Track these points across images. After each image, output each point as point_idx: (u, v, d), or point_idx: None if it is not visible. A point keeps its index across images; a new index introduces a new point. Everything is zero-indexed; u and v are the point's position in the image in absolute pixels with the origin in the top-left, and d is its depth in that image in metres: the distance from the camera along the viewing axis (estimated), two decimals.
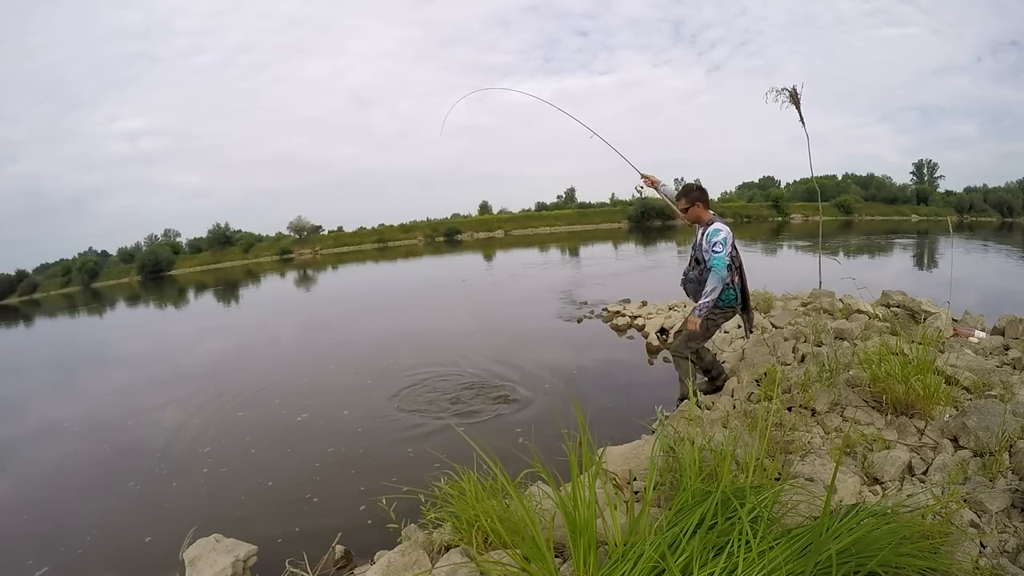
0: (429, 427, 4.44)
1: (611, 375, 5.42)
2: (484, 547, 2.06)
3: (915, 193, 51.95)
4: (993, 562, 1.76)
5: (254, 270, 36.04)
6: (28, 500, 4.06)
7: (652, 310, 7.96)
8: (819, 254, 7.21)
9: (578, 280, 13.73)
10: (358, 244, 49.94)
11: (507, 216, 54.79)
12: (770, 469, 2.18)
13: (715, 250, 3.54)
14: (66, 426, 5.83)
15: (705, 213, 3.77)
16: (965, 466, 2.32)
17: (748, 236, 28.19)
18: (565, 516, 1.71)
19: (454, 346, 7.23)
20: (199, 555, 2.72)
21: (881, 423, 2.86)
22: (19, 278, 47.01)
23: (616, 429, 3.95)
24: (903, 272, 12.92)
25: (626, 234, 39.61)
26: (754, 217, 47.29)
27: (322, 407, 5.24)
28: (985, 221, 41.01)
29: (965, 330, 4.52)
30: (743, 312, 3.89)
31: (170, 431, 5.09)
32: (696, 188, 3.81)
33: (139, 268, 45.64)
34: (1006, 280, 10.62)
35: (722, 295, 3.71)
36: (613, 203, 54.87)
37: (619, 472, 2.61)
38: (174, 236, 53.40)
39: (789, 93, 6.05)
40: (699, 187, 3.82)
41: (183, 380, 7.09)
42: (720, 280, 3.59)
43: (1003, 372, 3.42)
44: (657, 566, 1.52)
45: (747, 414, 3.07)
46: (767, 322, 5.61)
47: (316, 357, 7.42)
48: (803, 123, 6.19)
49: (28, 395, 7.74)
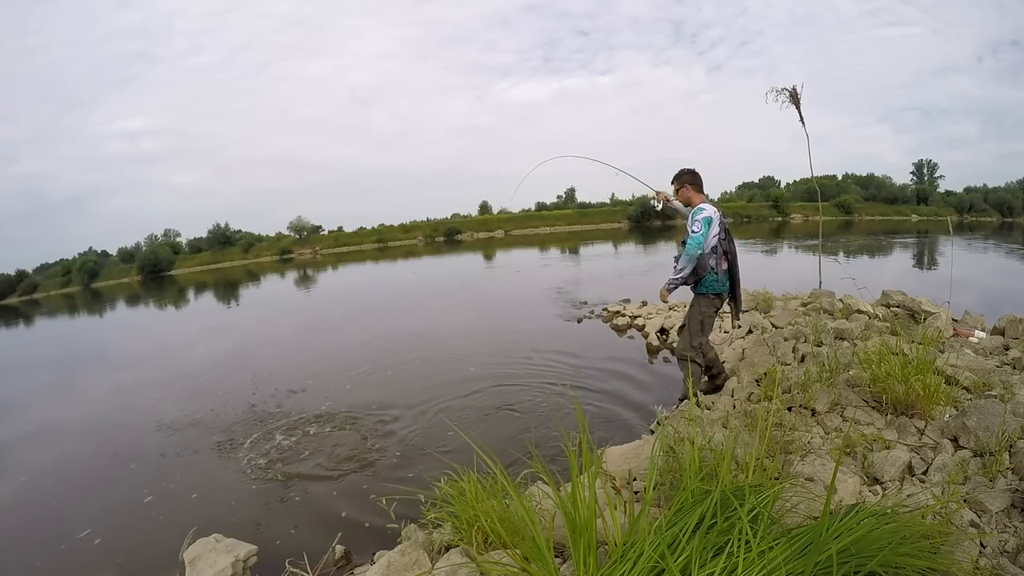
0: (429, 427, 4.44)
1: (611, 375, 5.42)
2: (484, 547, 2.06)
3: (915, 193, 51.98)
4: (993, 562, 1.76)
5: (254, 270, 36.05)
6: (28, 500, 4.06)
7: (652, 310, 7.97)
8: (819, 254, 7.21)
9: (578, 280, 13.73)
10: (358, 244, 50.00)
11: (507, 216, 54.82)
12: (770, 469, 2.17)
13: (693, 229, 3.49)
14: (66, 426, 5.84)
15: (696, 196, 3.71)
16: (965, 466, 2.32)
17: (748, 236, 28.20)
18: (565, 516, 1.71)
19: (454, 346, 7.23)
20: (199, 555, 2.72)
21: (881, 423, 2.86)
22: (19, 278, 47.07)
23: (616, 429, 3.96)
24: (903, 272, 12.92)
25: (626, 234, 39.63)
26: (754, 217, 47.30)
27: (321, 407, 5.24)
28: (985, 221, 41.01)
29: (965, 330, 4.52)
30: (731, 300, 3.80)
31: (170, 431, 5.09)
32: (687, 172, 3.76)
33: (139, 268, 45.70)
34: (1006, 280, 10.62)
35: (708, 281, 3.63)
36: (613, 203, 54.90)
37: (619, 472, 2.61)
38: (174, 236, 53.55)
39: (789, 93, 6.05)
40: (690, 171, 3.76)
41: (183, 380, 7.09)
42: (690, 260, 3.52)
43: (1003, 372, 3.42)
44: (657, 566, 1.51)
45: (747, 414, 3.06)
46: (767, 322, 5.61)
47: (315, 357, 7.41)
48: (803, 123, 6.19)
49: (28, 395, 7.74)
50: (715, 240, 3.58)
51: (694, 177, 3.74)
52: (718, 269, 3.62)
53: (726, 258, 3.65)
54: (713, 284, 3.65)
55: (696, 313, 3.72)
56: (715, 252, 3.59)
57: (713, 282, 3.64)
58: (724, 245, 3.62)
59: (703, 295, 3.70)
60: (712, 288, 3.66)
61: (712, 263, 3.59)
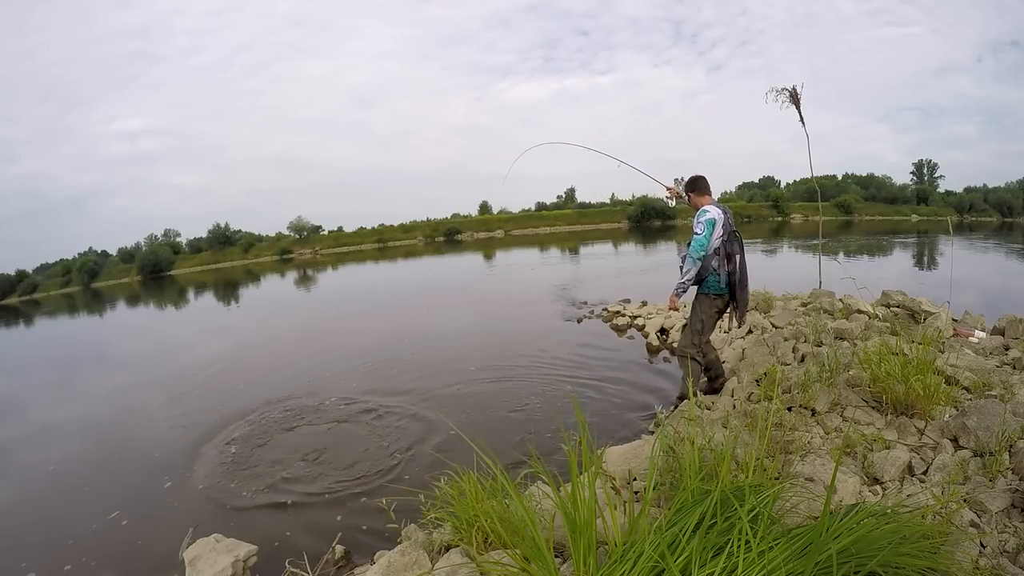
0: (429, 427, 4.44)
1: (611, 375, 5.42)
2: (484, 547, 2.05)
3: (915, 193, 51.97)
4: (993, 562, 1.76)
5: (254, 270, 36.05)
6: (28, 500, 4.05)
7: (652, 310, 7.97)
8: (819, 254, 7.21)
9: (578, 280, 13.73)
10: (358, 244, 49.99)
11: (507, 216, 54.82)
12: (770, 469, 2.17)
13: (696, 231, 3.55)
14: (65, 426, 5.83)
15: (700, 199, 3.78)
16: (965, 466, 2.32)
17: (748, 236, 28.09)
18: (565, 516, 1.71)
19: (453, 346, 7.23)
20: (199, 555, 2.72)
21: (881, 423, 2.86)
22: (19, 278, 47.09)
23: (616, 429, 3.96)
24: (903, 272, 12.91)
25: (626, 234, 39.62)
26: (754, 217, 47.29)
27: (321, 407, 5.24)
28: (985, 221, 41.00)
29: (965, 330, 4.52)
30: (732, 300, 3.76)
31: (169, 430, 5.09)
32: (691, 179, 3.88)
33: (139, 268, 45.70)
34: (1006, 280, 10.61)
35: (710, 282, 3.70)
36: (613, 203, 54.93)
37: (619, 472, 2.61)
38: (174, 236, 53.52)
39: (789, 93, 6.04)
40: (693, 177, 3.87)
41: (182, 380, 7.09)
42: (694, 263, 3.57)
43: (1003, 372, 3.42)
44: (657, 566, 1.51)
45: (747, 414, 3.06)
46: (767, 322, 5.61)
47: (315, 357, 7.41)
48: (803, 123, 6.18)
49: (28, 395, 7.74)
50: (718, 242, 3.61)
51: (695, 183, 3.84)
52: (720, 271, 3.67)
53: (727, 259, 3.66)
54: (715, 285, 3.71)
55: (698, 312, 3.78)
56: (717, 254, 3.63)
57: (715, 283, 3.70)
58: (727, 247, 3.64)
59: (704, 295, 3.76)
60: (714, 289, 3.72)
61: (714, 264, 3.65)
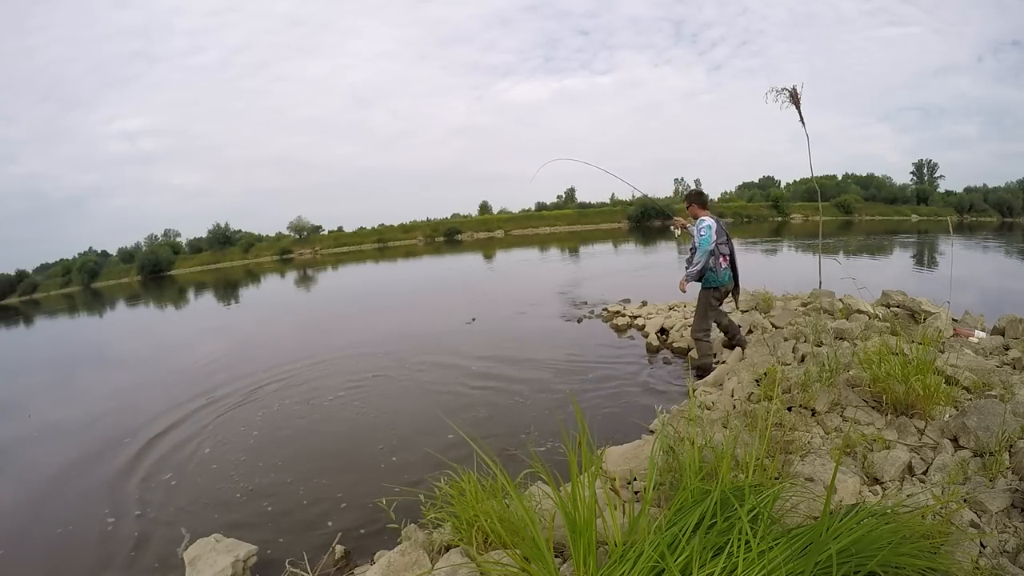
0: (428, 427, 4.44)
1: (611, 375, 5.42)
2: (484, 547, 2.05)
3: (915, 193, 51.99)
4: (993, 562, 1.76)
5: (254, 270, 36.05)
6: (27, 500, 4.05)
7: (652, 310, 7.96)
8: (819, 254, 7.21)
9: (578, 279, 13.73)
10: (358, 244, 50.01)
11: (507, 216, 54.85)
12: (770, 469, 2.17)
13: (701, 233, 4.60)
14: (65, 426, 5.83)
15: (699, 211, 4.78)
16: (965, 466, 2.32)
17: (748, 236, 28.20)
18: (565, 516, 1.71)
19: (453, 346, 7.23)
20: (199, 555, 2.71)
21: (881, 423, 2.86)
22: (19, 278, 47.09)
23: (616, 429, 3.95)
24: (903, 272, 12.91)
25: (626, 234, 39.61)
26: (754, 217, 47.31)
27: (320, 407, 5.24)
28: (985, 221, 41.00)
29: (965, 330, 4.52)
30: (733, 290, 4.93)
31: (169, 431, 5.08)
32: (694, 193, 4.96)
33: (139, 268, 45.72)
34: (1006, 280, 10.61)
35: (710, 278, 4.69)
36: (613, 203, 54.92)
37: (619, 472, 2.61)
38: (174, 236, 53.56)
39: (789, 93, 6.04)
40: (693, 192, 4.97)
41: (182, 380, 7.08)
42: (704, 254, 4.59)
43: (1003, 372, 3.42)
44: (657, 566, 1.51)
45: (747, 414, 3.06)
46: (767, 322, 5.61)
47: (315, 356, 7.41)
48: (803, 123, 6.18)
49: (27, 395, 7.73)
50: (714, 245, 4.60)
51: (699, 197, 4.92)
52: (718, 267, 4.67)
53: (724, 259, 4.70)
54: (714, 279, 4.72)
55: (703, 303, 4.82)
56: (714, 254, 4.64)
57: (714, 278, 4.71)
58: (723, 248, 4.67)
59: (707, 288, 4.78)
60: (713, 282, 4.73)
61: (713, 262, 4.66)
